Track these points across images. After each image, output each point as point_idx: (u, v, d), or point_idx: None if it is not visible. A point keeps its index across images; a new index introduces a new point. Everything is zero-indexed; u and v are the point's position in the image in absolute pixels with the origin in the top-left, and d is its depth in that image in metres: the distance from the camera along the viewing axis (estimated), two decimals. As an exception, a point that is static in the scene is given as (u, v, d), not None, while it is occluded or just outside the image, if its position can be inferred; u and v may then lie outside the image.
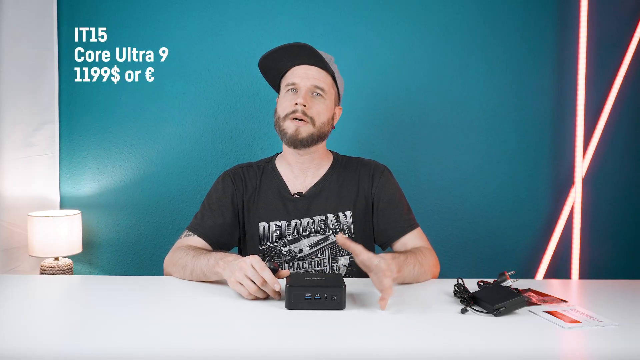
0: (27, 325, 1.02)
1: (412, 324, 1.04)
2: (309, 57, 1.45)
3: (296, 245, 1.45)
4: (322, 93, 1.45)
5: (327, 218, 1.47)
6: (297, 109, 1.42)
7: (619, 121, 2.31)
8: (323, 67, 1.46)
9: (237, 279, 1.14)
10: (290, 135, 1.43)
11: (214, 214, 1.47)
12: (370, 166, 1.53)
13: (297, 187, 1.50)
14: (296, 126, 1.42)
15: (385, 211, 1.48)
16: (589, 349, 0.96)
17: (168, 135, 2.31)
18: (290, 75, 1.47)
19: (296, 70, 1.46)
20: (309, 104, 1.42)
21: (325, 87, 1.45)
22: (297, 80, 1.44)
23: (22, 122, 2.19)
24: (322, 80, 1.45)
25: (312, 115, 1.43)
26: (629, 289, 1.32)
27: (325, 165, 1.53)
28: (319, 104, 1.45)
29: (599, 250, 2.31)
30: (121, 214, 2.33)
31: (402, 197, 1.53)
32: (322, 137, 1.47)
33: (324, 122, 1.45)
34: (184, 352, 0.90)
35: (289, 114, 1.43)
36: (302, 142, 1.43)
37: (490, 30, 2.30)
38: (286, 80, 1.48)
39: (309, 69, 1.45)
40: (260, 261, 1.13)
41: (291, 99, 1.44)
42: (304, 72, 1.45)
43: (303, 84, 1.44)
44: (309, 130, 1.43)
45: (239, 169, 1.54)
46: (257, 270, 1.12)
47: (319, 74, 1.45)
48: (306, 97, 1.42)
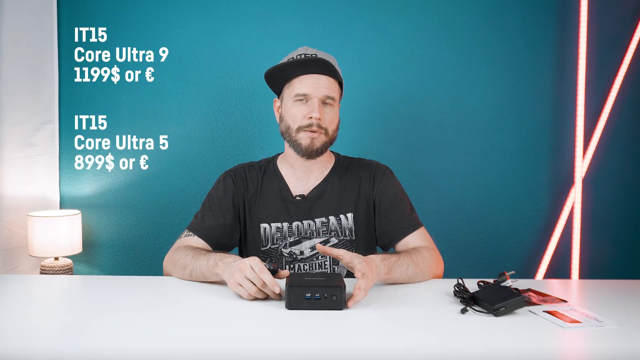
0: (27, 325, 1.02)
1: (412, 324, 1.03)
2: (318, 66, 1.42)
3: (297, 247, 1.45)
4: (332, 102, 1.44)
5: (329, 220, 1.46)
6: (312, 122, 1.40)
7: (619, 121, 2.31)
8: (333, 75, 1.44)
9: (236, 280, 1.14)
10: (306, 148, 1.42)
11: (214, 215, 1.46)
12: (372, 167, 1.53)
13: (298, 189, 1.49)
14: (311, 138, 1.41)
15: (387, 212, 1.47)
16: (589, 349, 0.96)
17: (168, 135, 2.31)
18: (297, 84, 1.43)
19: (304, 79, 1.42)
20: (322, 115, 1.41)
21: (335, 96, 1.45)
22: (307, 90, 1.41)
23: (22, 122, 2.19)
24: (332, 89, 1.44)
25: (325, 126, 1.42)
26: (629, 289, 1.32)
27: (327, 167, 1.52)
28: (329, 112, 1.44)
29: (599, 250, 2.31)
30: (121, 214, 2.33)
31: (405, 197, 1.51)
32: (332, 143, 1.48)
33: (334, 129, 1.46)
34: (184, 352, 0.90)
35: (304, 127, 1.41)
36: (317, 152, 1.43)
37: (490, 31, 2.30)
38: (294, 89, 1.44)
39: (319, 78, 1.42)
40: (260, 263, 1.13)
41: (303, 111, 1.42)
42: (315, 83, 1.42)
43: (314, 95, 1.41)
44: (323, 140, 1.43)
45: (241, 169, 1.53)
46: (256, 272, 1.12)
47: (328, 82, 1.43)
48: (320, 109, 1.41)
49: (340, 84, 1.49)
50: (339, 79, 1.47)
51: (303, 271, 1.44)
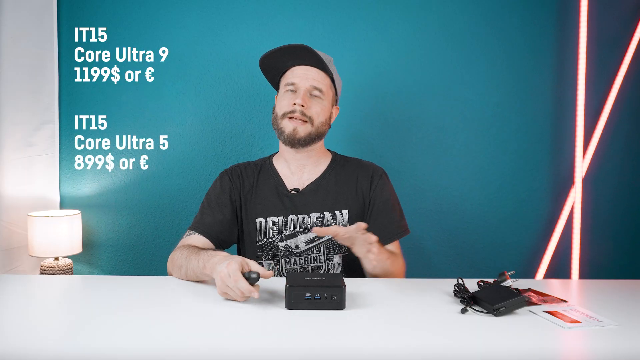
0: (27, 325, 1.02)
1: (412, 324, 1.04)
2: (309, 58, 1.47)
3: (293, 241, 1.47)
4: (320, 94, 1.48)
5: (324, 215, 1.48)
6: (295, 109, 1.45)
7: (619, 121, 2.31)
8: (322, 68, 1.49)
9: (222, 289, 1.13)
10: (288, 134, 1.46)
11: (213, 211, 1.49)
12: (370, 168, 1.56)
13: (293, 183, 1.52)
14: (294, 126, 1.45)
15: (378, 215, 1.50)
16: (589, 349, 0.96)
17: (168, 135, 2.31)
18: (289, 74, 1.50)
19: (296, 70, 1.49)
20: (308, 104, 1.46)
21: (323, 88, 1.48)
22: (296, 80, 1.47)
23: (22, 122, 2.19)
24: (320, 81, 1.48)
25: (310, 115, 1.46)
26: (629, 289, 1.32)
27: (323, 163, 1.55)
28: (317, 104, 1.48)
29: (599, 250, 2.31)
30: (121, 214, 2.33)
31: (397, 203, 1.56)
32: (320, 136, 1.50)
33: (322, 121, 1.49)
34: (184, 352, 0.90)
35: (287, 113, 1.46)
36: (300, 142, 1.46)
37: (490, 30, 2.30)
38: (285, 79, 1.50)
39: (309, 69, 1.48)
40: (236, 271, 1.09)
41: (290, 99, 1.47)
42: (304, 73, 1.48)
43: (302, 84, 1.47)
44: (307, 129, 1.46)
45: (237, 167, 1.57)
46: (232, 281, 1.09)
47: (318, 74, 1.48)
48: (305, 97, 1.45)
49: (332, 80, 1.52)
50: (330, 74, 1.50)
51: (298, 265, 1.46)
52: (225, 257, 1.17)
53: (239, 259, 1.13)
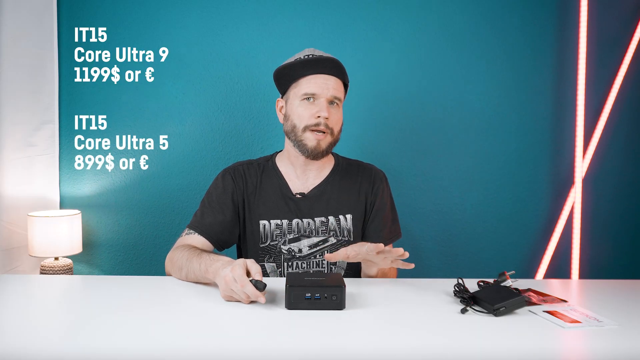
0: (27, 325, 1.02)
1: (412, 324, 1.04)
2: (329, 67, 1.43)
3: (296, 245, 1.45)
4: (338, 102, 1.46)
5: (328, 220, 1.47)
6: (319, 122, 1.41)
7: (619, 121, 2.31)
8: (340, 76, 1.46)
9: (226, 293, 1.12)
10: (312, 149, 1.42)
11: (214, 212, 1.46)
12: (371, 171, 1.56)
13: (298, 187, 1.50)
14: (317, 139, 1.42)
15: (375, 218, 1.51)
16: (589, 349, 0.96)
17: (168, 135, 2.31)
18: (305, 83, 1.43)
19: (313, 79, 1.43)
20: (329, 115, 1.42)
21: (341, 97, 1.46)
22: (316, 90, 1.42)
23: (22, 122, 2.19)
24: (339, 90, 1.45)
25: (332, 126, 1.43)
26: (629, 289, 1.32)
27: (328, 167, 1.54)
28: (335, 113, 1.45)
29: (599, 250, 2.31)
30: (121, 214, 2.33)
31: (393, 207, 1.56)
32: (336, 144, 1.48)
33: (339, 130, 1.47)
34: (183, 352, 0.90)
35: (311, 126, 1.42)
36: (322, 154, 1.45)
37: (490, 31, 2.30)
38: (301, 87, 1.43)
39: (328, 78, 1.43)
40: (242, 276, 1.09)
41: (310, 110, 1.42)
42: (323, 82, 1.42)
43: (323, 95, 1.42)
44: (328, 140, 1.44)
45: (239, 166, 1.53)
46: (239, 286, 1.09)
47: (336, 83, 1.45)
48: (327, 108, 1.41)
49: (345, 86, 1.50)
50: (346, 81, 1.48)
51: (301, 269, 1.45)
52: (228, 262, 1.16)
53: (242, 263, 1.11)
